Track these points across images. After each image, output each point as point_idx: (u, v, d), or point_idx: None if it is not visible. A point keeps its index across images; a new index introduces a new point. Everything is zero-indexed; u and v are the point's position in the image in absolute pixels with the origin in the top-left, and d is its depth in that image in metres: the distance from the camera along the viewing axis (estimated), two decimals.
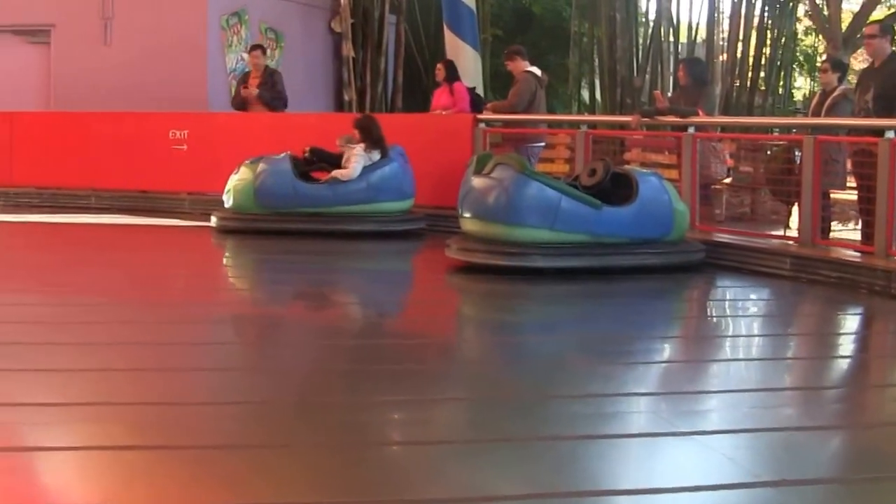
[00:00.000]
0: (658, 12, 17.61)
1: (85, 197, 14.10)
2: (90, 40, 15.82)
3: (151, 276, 8.91)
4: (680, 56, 17.55)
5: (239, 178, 11.41)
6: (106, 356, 5.86)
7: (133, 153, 13.91)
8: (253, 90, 13.61)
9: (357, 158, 11.30)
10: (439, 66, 13.65)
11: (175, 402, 4.99)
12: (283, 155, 11.47)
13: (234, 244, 10.97)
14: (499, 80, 17.80)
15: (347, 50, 17.76)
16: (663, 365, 6.31)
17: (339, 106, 18.02)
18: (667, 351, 6.81)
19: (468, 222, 9.32)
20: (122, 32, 15.75)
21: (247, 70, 14.29)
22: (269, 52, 16.25)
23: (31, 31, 16.12)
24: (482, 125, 12.42)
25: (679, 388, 5.60)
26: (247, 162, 11.51)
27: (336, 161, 11.50)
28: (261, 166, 11.33)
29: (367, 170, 11.33)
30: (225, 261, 10.56)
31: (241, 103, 13.84)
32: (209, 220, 11.78)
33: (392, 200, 11.53)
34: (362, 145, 11.36)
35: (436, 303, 8.37)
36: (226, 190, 11.54)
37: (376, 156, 11.43)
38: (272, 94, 13.66)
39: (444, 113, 12.99)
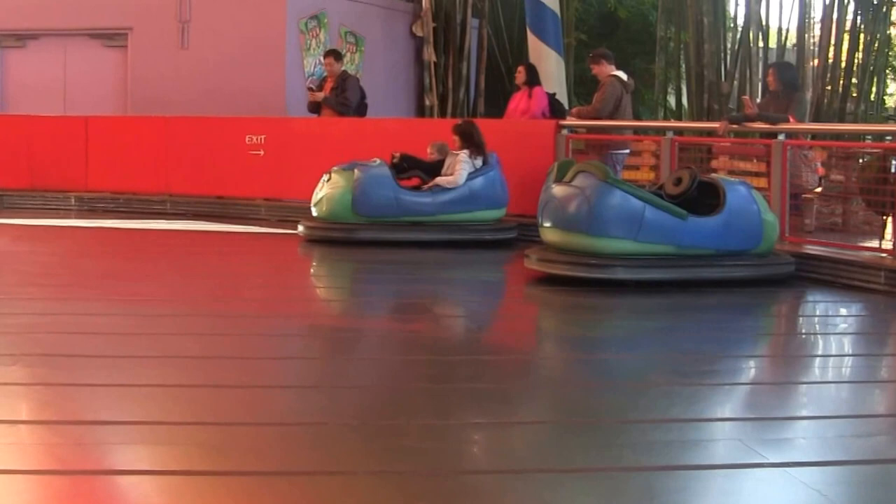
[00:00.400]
0: (747, 16, 17.24)
1: (160, 202, 14.12)
2: (167, 44, 15.88)
3: (234, 286, 8.84)
4: (769, 61, 17.18)
5: (332, 186, 11.18)
6: (186, 371, 5.84)
7: (209, 158, 13.94)
8: (319, 93, 13.57)
9: (463, 165, 11.15)
10: (520, 69, 13.47)
11: (251, 423, 4.90)
12: (377, 161, 11.27)
13: (322, 254, 10.81)
14: (583, 86, 17.58)
15: (429, 54, 17.71)
16: (749, 387, 6.08)
17: (420, 111, 17.95)
18: (753, 371, 6.58)
19: (548, 232, 9.12)
20: (200, 36, 15.78)
21: (325, 74, 14.25)
22: (348, 55, 16.25)
23: (108, 34, 16.21)
24: (564, 131, 12.24)
25: (766, 413, 5.38)
26: (337, 168, 11.31)
27: (427, 168, 11.38)
28: (358, 173, 11.08)
29: (469, 177, 11.18)
30: (312, 271, 10.43)
31: (313, 107, 13.80)
32: (287, 227, 11.73)
33: (489, 209, 11.37)
34: (466, 151, 11.20)
35: (515, 316, 8.23)
36: (315, 198, 11.32)
37: (479, 162, 11.29)
38: (339, 99, 13.59)
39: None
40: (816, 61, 17.86)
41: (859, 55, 17.95)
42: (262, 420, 4.97)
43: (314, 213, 11.31)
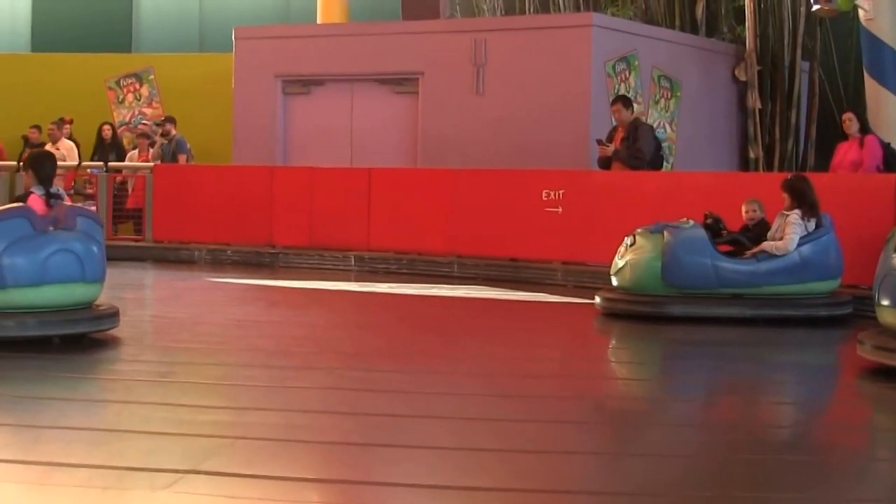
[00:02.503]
0: None
1: (447, 264, 13.75)
2: (461, 89, 15.59)
3: (522, 364, 8.21)
4: None
5: (637, 251, 10.31)
6: (480, 432, 5.87)
7: (502, 216, 13.49)
8: (608, 146, 12.87)
9: (794, 228, 10.14)
10: (849, 115, 12.47)
11: (559, 490, 4.92)
12: (689, 223, 10.35)
13: (623, 330, 10.02)
14: None
15: (753, 101, 17.04)
16: None
17: (744, 164, 17.22)
18: None
19: (887, 313, 7.98)
20: (495, 80, 15.41)
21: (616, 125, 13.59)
22: (662, 102, 15.62)
23: (397, 79, 16.04)
24: None
25: None
26: (642, 230, 10.45)
27: (742, 231, 10.45)
28: (667, 237, 10.19)
29: (799, 242, 10.18)
30: (611, 349, 9.63)
31: (603, 162, 13.12)
32: (585, 295, 11.07)
33: (821, 279, 10.25)
34: (798, 212, 10.21)
35: (844, 413, 7.22)
36: (616, 265, 10.50)
37: (812, 225, 10.29)
38: (631, 150, 12.84)
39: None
40: None
41: None
42: (568, 488, 5.01)
43: (614, 282, 10.52)
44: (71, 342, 7.94)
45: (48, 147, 17.35)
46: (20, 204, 8.08)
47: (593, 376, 7.78)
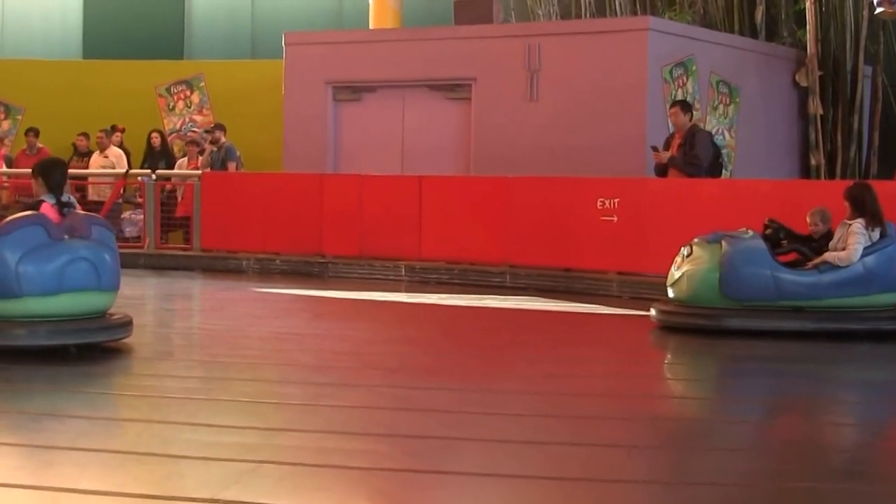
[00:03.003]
0: None
1: (499, 274, 13.40)
2: (514, 95, 15.25)
3: (569, 374, 7.83)
4: None
5: (694, 262, 9.84)
6: (525, 457, 5.49)
7: (555, 225, 13.12)
8: (664, 154, 12.43)
9: (857, 237, 9.63)
10: None
11: None
12: (748, 232, 9.88)
13: (679, 344, 9.53)
14: None
15: (815, 107, 16.67)
16: None
17: (805, 172, 16.79)
18: None
19: None
20: (550, 86, 15.05)
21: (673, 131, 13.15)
22: (720, 108, 15.22)
23: (449, 85, 15.68)
24: None
25: None
26: (699, 240, 9.97)
27: (805, 240, 9.97)
28: (725, 247, 9.69)
29: (863, 252, 9.68)
30: (667, 364, 9.15)
31: (660, 170, 12.69)
32: (641, 307, 10.65)
33: (886, 291, 9.67)
34: (861, 221, 9.72)
35: None
36: (672, 276, 10.03)
37: (876, 234, 9.78)
38: (687, 157, 12.38)
39: None
40: None
41: None
42: None
43: (671, 294, 10.05)
44: (92, 354, 7.69)
45: (96, 155, 17.18)
46: (35, 212, 7.83)
47: (647, 395, 7.33)
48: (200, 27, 22.44)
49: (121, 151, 17.21)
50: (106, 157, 17.06)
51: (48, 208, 7.85)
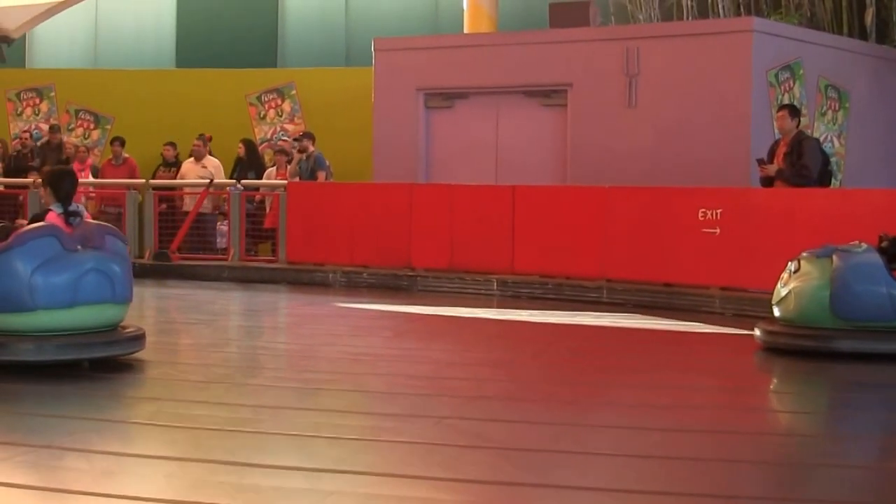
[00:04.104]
0: None
1: (595, 289, 12.59)
2: (612, 102, 14.43)
3: (664, 405, 6.94)
4: None
5: (802, 278, 8.88)
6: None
7: (655, 237, 12.32)
8: (770, 166, 11.57)
9: None
10: None
11: None
12: (861, 246, 8.89)
13: (786, 368, 8.59)
14: None
15: None
16: None
17: None
18: None
19: None
20: (649, 92, 14.21)
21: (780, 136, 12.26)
22: (829, 114, 14.34)
23: (545, 92, 14.89)
24: None
25: None
26: (808, 255, 9.00)
27: None
28: (837, 262, 8.74)
29: None
30: (772, 390, 8.22)
31: (766, 183, 11.84)
32: (744, 326, 9.79)
33: None
34: None
35: None
36: (777, 293, 9.09)
37: None
38: (796, 168, 11.51)
39: None
40: None
41: None
42: None
43: (777, 313, 9.11)
44: (128, 373, 7.19)
45: (190, 164, 16.59)
46: (49, 223, 7.40)
47: (748, 431, 6.40)
48: (294, 35, 21.89)
49: (218, 162, 16.59)
50: (204, 167, 16.42)
51: (54, 217, 7.43)
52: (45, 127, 18.51)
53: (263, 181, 16.21)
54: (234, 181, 15.63)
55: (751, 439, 6.11)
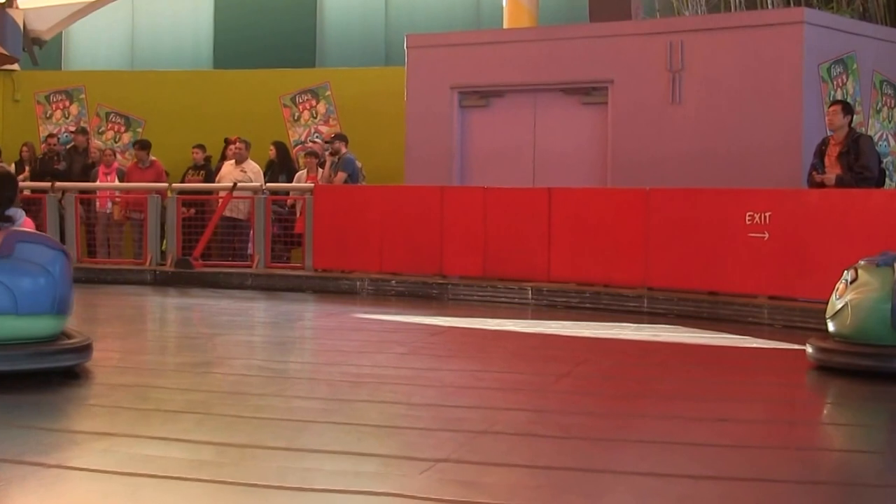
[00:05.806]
0: None
1: (635, 298, 11.61)
2: (654, 98, 13.43)
3: (702, 432, 5.86)
4: None
5: (859, 289, 7.81)
6: None
7: (699, 242, 11.38)
8: (828, 175, 10.52)
9: None
10: None
11: None
12: None
13: (842, 389, 7.51)
14: None
15: None
16: None
17: None
18: None
19: None
20: (694, 88, 13.19)
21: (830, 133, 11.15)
22: (885, 111, 13.26)
23: (585, 89, 13.83)
24: None
25: None
26: (866, 263, 7.93)
27: None
28: None
29: None
30: (825, 415, 7.13)
31: (814, 182, 10.79)
32: (796, 339, 8.82)
33: None
34: None
35: None
36: (832, 306, 8.00)
37: None
38: (855, 170, 10.47)
39: None
40: None
41: None
42: None
43: (831, 328, 7.98)
44: (98, 397, 6.31)
45: (230, 167, 15.59)
46: None
47: (794, 480, 5.33)
48: (332, 35, 20.95)
49: (258, 167, 15.59)
50: (243, 171, 15.41)
51: None
52: (73, 130, 17.70)
53: (289, 184, 15.23)
54: (256, 185, 14.66)
55: (799, 490, 4.99)
